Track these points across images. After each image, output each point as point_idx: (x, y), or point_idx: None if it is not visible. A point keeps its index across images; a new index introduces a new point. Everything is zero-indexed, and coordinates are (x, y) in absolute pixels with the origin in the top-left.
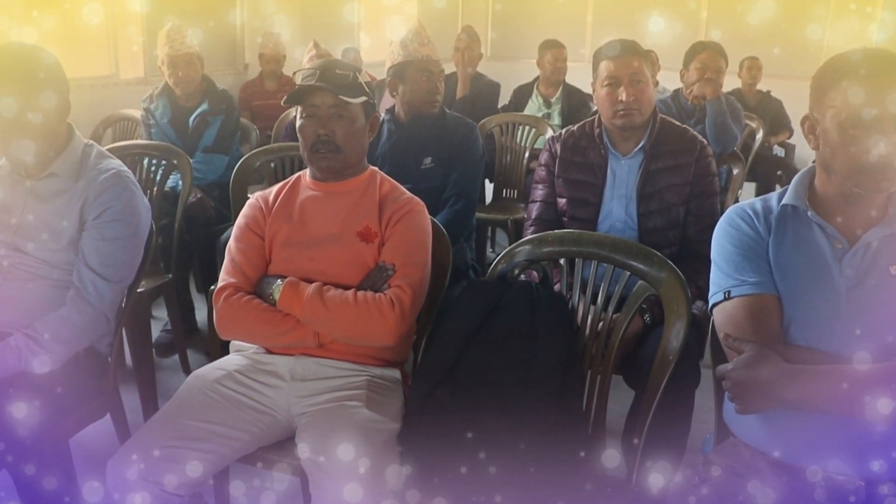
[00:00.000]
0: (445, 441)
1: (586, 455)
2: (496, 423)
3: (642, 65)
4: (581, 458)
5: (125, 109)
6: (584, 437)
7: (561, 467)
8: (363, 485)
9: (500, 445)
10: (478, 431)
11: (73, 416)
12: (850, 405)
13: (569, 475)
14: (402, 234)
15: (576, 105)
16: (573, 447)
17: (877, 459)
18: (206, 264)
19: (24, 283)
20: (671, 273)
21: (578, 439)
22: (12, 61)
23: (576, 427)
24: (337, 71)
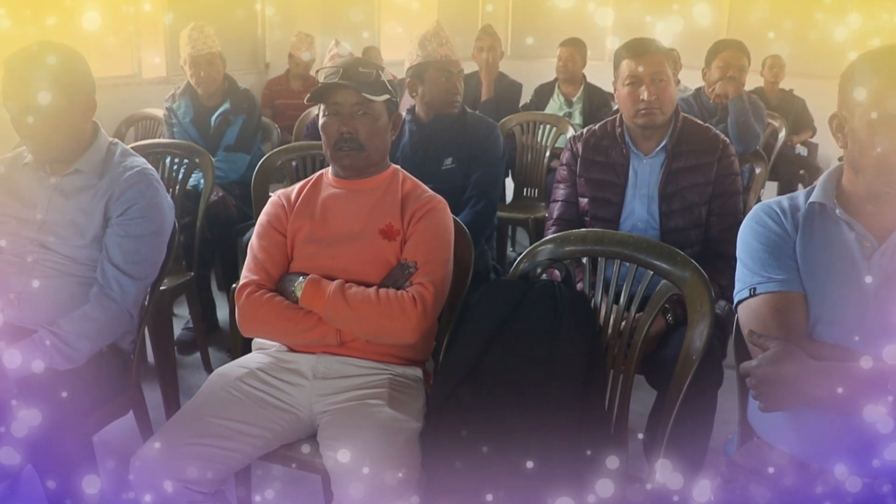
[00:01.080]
0: (467, 440)
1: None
2: (518, 422)
3: (664, 63)
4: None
5: (147, 108)
6: (606, 436)
7: (583, 467)
8: (385, 483)
9: (522, 445)
10: (500, 431)
11: (97, 413)
12: (878, 404)
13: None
14: (424, 231)
15: (597, 104)
16: (595, 447)
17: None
18: (227, 262)
19: (49, 279)
20: (695, 272)
21: (600, 439)
22: (41, 60)
23: (598, 426)
24: (360, 69)
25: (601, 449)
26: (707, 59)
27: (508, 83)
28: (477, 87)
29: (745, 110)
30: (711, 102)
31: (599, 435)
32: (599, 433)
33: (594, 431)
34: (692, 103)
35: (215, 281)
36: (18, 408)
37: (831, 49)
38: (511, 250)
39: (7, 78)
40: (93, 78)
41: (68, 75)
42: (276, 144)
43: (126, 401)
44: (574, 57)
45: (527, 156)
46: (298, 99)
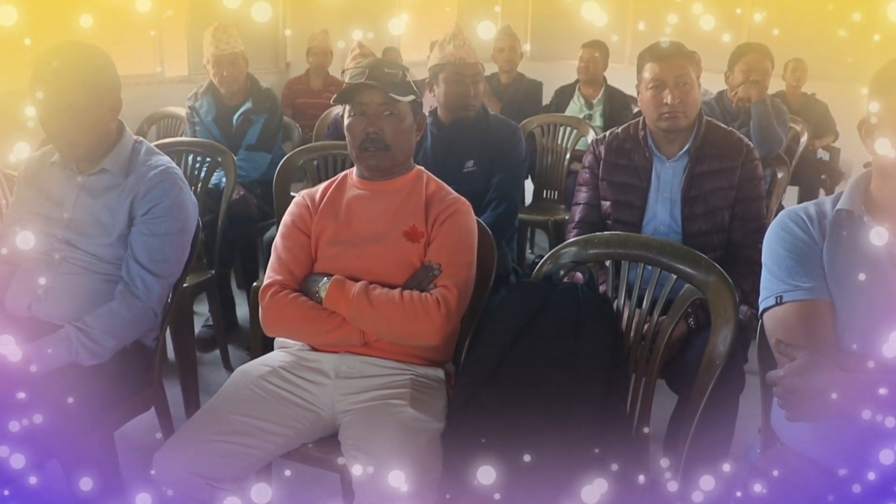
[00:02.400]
0: (489, 441)
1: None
2: (540, 424)
3: (688, 67)
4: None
5: (169, 107)
6: (627, 440)
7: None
8: (406, 483)
9: (544, 446)
10: (521, 432)
11: (120, 409)
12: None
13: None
14: (448, 234)
15: (618, 107)
16: (616, 450)
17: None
18: (247, 261)
19: (75, 276)
20: (719, 277)
21: (622, 442)
22: (67, 60)
23: (619, 430)
24: (386, 69)
25: (622, 452)
26: (730, 63)
27: (529, 82)
28: (497, 88)
29: (768, 114)
30: (734, 106)
31: (621, 438)
32: (621, 436)
33: (615, 434)
34: (714, 107)
35: (235, 279)
36: (44, 402)
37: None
38: (530, 252)
39: (35, 77)
40: (118, 77)
41: (95, 75)
42: (296, 144)
43: (148, 397)
44: (596, 59)
45: (547, 158)
46: (318, 98)
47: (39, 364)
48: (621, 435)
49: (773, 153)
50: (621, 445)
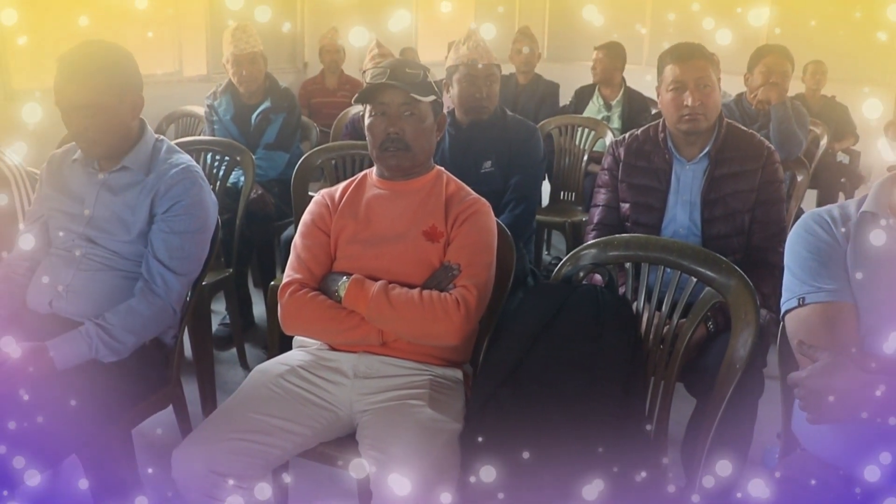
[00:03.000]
0: (507, 442)
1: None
2: (558, 425)
3: (708, 69)
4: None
5: (188, 106)
6: (645, 442)
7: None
8: (424, 484)
9: (562, 448)
10: (539, 434)
11: (138, 406)
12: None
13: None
14: (468, 234)
15: (637, 109)
16: (634, 452)
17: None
18: (265, 260)
19: (96, 273)
20: (740, 280)
21: (640, 445)
22: (90, 58)
23: (637, 432)
24: (407, 69)
25: (641, 455)
26: (750, 65)
27: (546, 84)
28: (514, 89)
29: (788, 117)
30: (753, 108)
31: (639, 441)
32: (639, 439)
33: (633, 437)
34: (733, 109)
35: (251, 278)
36: (64, 398)
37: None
38: (546, 254)
39: (59, 76)
40: (140, 76)
41: (118, 73)
42: (314, 143)
43: (166, 395)
44: (609, 61)
45: (564, 159)
46: (333, 97)
47: (59, 360)
48: (639, 438)
49: (793, 156)
50: (639, 448)
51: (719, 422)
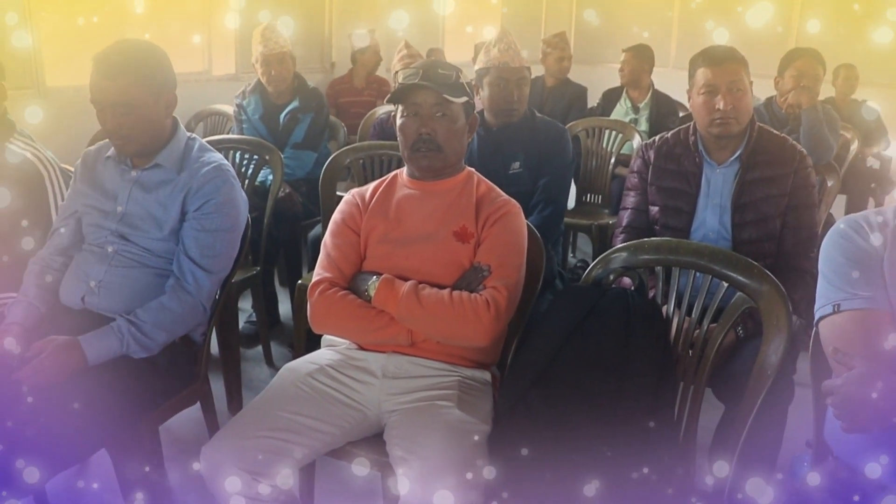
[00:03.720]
0: (535, 445)
1: (675, 466)
2: (587, 429)
3: (741, 72)
4: (670, 468)
5: (216, 105)
6: (673, 447)
7: (650, 477)
8: (452, 485)
9: (590, 451)
10: (568, 437)
11: (167, 402)
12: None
13: (657, 485)
14: (498, 235)
15: (664, 112)
16: (662, 457)
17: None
18: (291, 258)
19: (128, 269)
20: (772, 286)
21: (668, 450)
22: (126, 56)
23: (666, 437)
24: (440, 70)
25: (670, 460)
26: (780, 68)
27: (575, 88)
28: (541, 91)
29: (819, 121)
30: (783, 112)
31: (668, 446)
32: (668, 444)
33: (662, 441)
34: (763, 113)
35: (277, 276)
36: (95, 392)
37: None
38: (572, 256)
39: (94, 74)
40: (174, 74)
41: (152, 72)
42: (342, 143)
43: (194, 391)
44: (637, 63)
45: (591, 161)
46: (361, 97)
47: (91, 355)
48: (668, 443)
49: (823, 161)
50: (668, 454)
51: (748, 428)
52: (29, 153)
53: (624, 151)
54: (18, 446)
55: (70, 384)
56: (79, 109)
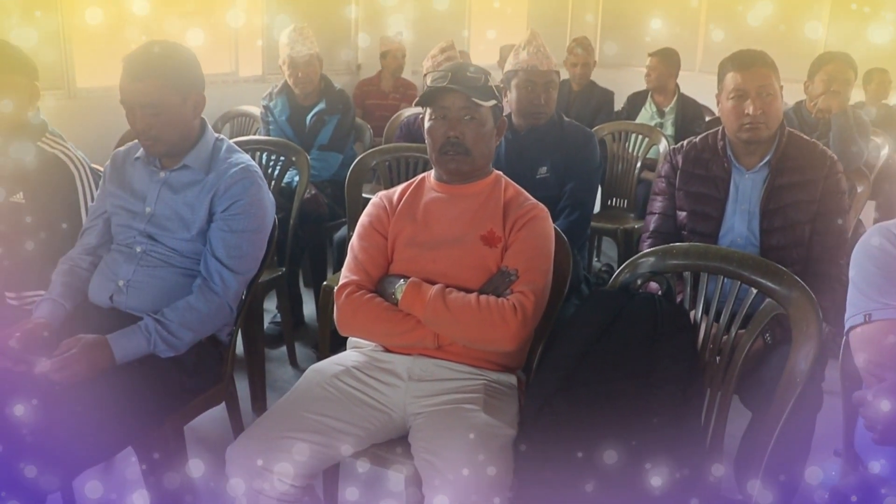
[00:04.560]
0: (561, 450)
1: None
2: (613, 435)
3: (771, 77)
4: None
5: (243, 106)
6: (700, 454)
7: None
8: (477, 489)
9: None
10: (594, 442)
11: (193, 401)
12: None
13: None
14: (525, 239)
15: (690, 116)
16: (689, 464)
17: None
18: (316, 260)
19: (155, 269)
20: (802, 292)
21: (696, 457)
22: (154, 58)
23: (693, 444)
24: (468, 73)
25: (696, 467)
26: (810, 72)
27: (602, 92)
28: (567, 95)
29: (850, 126)
30: (813, 117)
31: (694, 453)
32: (694, 452)
33: (689, 448)
34: (792, 117)
35: (302, 277)
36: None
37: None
38: (596, 260)
39: (124, 75)
40: (203, 76)
41: (181, 73)
42: (367, 145)
43: (220, 391)
44: (663, 68)
45: (617, 165)
46: (387, 99)
47: (119, 354)
48: (695, 450)
49: (853, 166)
50: (694, 460)
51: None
52: (60, 153)
53: (650, 156)
54: (46, 443)
55: (98, 382)
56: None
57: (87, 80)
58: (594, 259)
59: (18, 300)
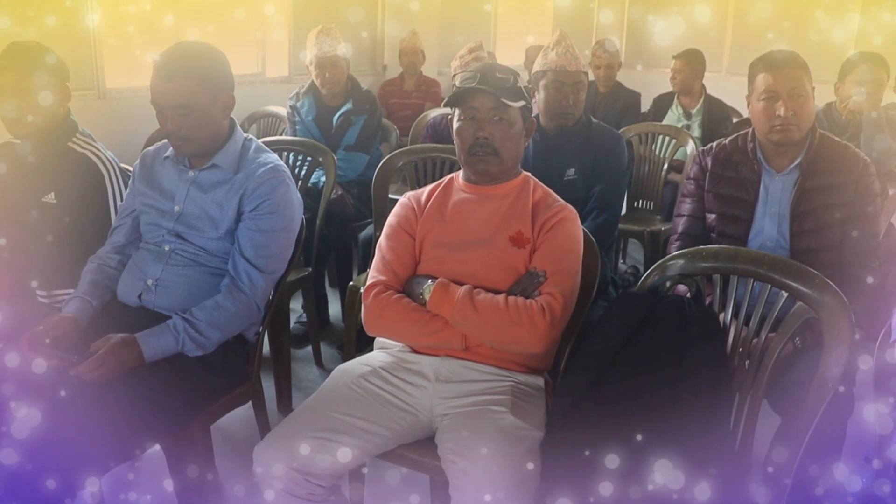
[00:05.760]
0: (588, 453)
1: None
2: (641, 438)
3: (803, 78)
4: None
5: (270, 106)
6: (729, 459)
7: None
8: (504, 491)
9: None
10: (622, 446)
11: (220, 400)
12: None
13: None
14: (554, 241)
15: (717, 118)
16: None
17: None
18: (342, 260)
19: (184, 268)
20: (834, 296)
21: (724, 461)
22: (185, 59)
23: (722, 449)
24: (497, 74)
25: (726, 472)
26: (841, 73)
27: (628, 93)
28: (594, 97)
29: (882, 127)
30: (843, 118)
31: (723, 458)
32: (723, 456)
33: (718, 453)
34: (822, 119)
35: (327, 277)
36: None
37: None
38: (622, 262)
39: (155, 75)
40: (232, 76)
41: (211, 73)
42: (394, 146)
43: (247, 391)
44: (688, 70)
45: (644, 167)
46: (411, 99)
47: (148, 352)
48: (724, 454)
49: (885, 168)
50: (723, 465)
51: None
52: (90, 153)
53: (677, 157)
54: (75, 440)
55: (126, 381)
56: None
57: (116, 81)
58: (620, 261)
59: (49, 298)
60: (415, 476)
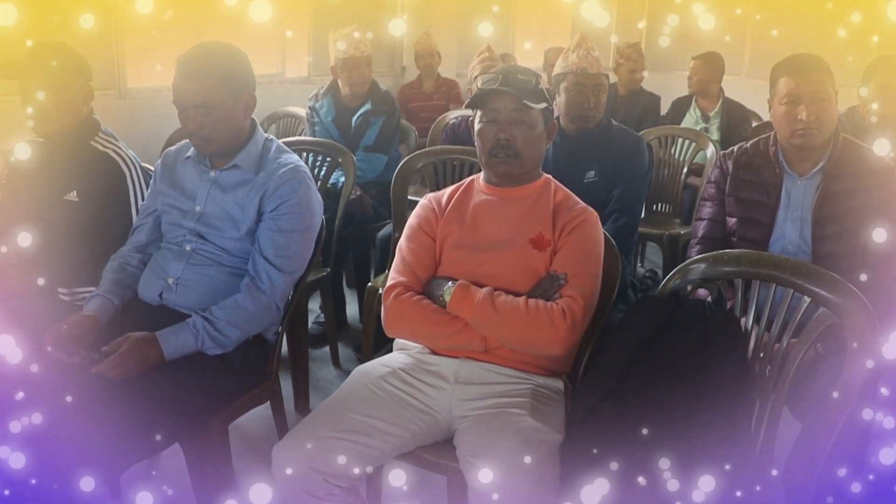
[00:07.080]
0: (608, 457)
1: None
2: (661, 443)
3: (825, 82)
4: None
5: (289, 107)
6: (750, 465)
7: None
8: (523, 493)
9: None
10: (641, 450)
11: (239, 400)
12: None
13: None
14: (575, 243)
15: (736, 121)
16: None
17: None
18: (360, 261)
19: (204, 268)
20: (858, 302)
21: (744, 467)
22: (207, 59)
23: (742, 455)
24: (519, 76)
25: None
26: (864, 77)
27: (649, 97)
28: (613, 99)
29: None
30: (866, 122)
31: (744, 462)
32: (744, 461)
33: (739, 458)
34: (844, 123)
35: (345, 278)
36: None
37: None
38: (640, 266)
39: (177, 75)
40: (254, 76)
41: (232, 74)
42: (412, 147)
43: (265, 390)
44: (706, 71)
45: (663, 170)
46: (430, 100)
47: (168, 350)
48: (744, 460)
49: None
50: (744, 471)
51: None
52: (112, 152)
53: (696, 161)
54: (94, 438)
55: (146, 379)
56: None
57: (138, 81)
58: (638, 264)
59: (70, 296)
60: (430, 477)
